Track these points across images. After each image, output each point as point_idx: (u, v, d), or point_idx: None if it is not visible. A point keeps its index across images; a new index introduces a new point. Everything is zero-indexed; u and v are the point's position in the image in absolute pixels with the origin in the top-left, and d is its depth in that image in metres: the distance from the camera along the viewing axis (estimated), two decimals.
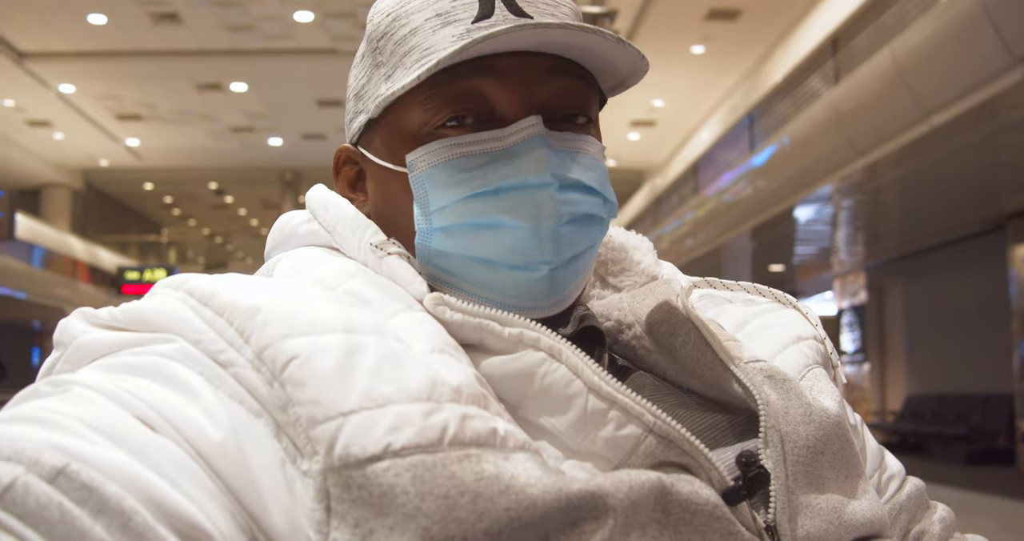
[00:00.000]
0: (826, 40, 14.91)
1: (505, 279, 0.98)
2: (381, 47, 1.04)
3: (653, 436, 0.87)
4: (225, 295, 0.85)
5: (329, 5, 19.26)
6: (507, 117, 0.99)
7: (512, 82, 0.99)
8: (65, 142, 28.12)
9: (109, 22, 19.77)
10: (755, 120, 18.01)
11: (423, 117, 0.99)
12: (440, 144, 0.98)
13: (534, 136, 0.98)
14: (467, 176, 0.97)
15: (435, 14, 1.01)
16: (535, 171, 0.96)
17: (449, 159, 0.98)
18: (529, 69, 0.99)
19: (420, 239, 1.00)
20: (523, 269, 0.98)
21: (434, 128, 0.99)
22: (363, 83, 1.08)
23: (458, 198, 0.97)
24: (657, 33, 19.76)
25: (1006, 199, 14.53)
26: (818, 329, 1.15)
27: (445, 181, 0.98)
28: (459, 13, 1.00)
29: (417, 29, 1.01)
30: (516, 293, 0.98)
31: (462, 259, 0.99)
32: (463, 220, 0.97)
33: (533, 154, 0.97)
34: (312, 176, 30.88)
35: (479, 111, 0.99)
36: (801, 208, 15.63)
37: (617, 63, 1.03)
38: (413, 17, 1.02)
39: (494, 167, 0.97)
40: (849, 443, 1.00)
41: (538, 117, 0.98)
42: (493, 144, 0.98)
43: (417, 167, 1.00)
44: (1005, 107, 9.84)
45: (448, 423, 0.77)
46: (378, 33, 1.05)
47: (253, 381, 0.79)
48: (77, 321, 0.90)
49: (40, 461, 0.66)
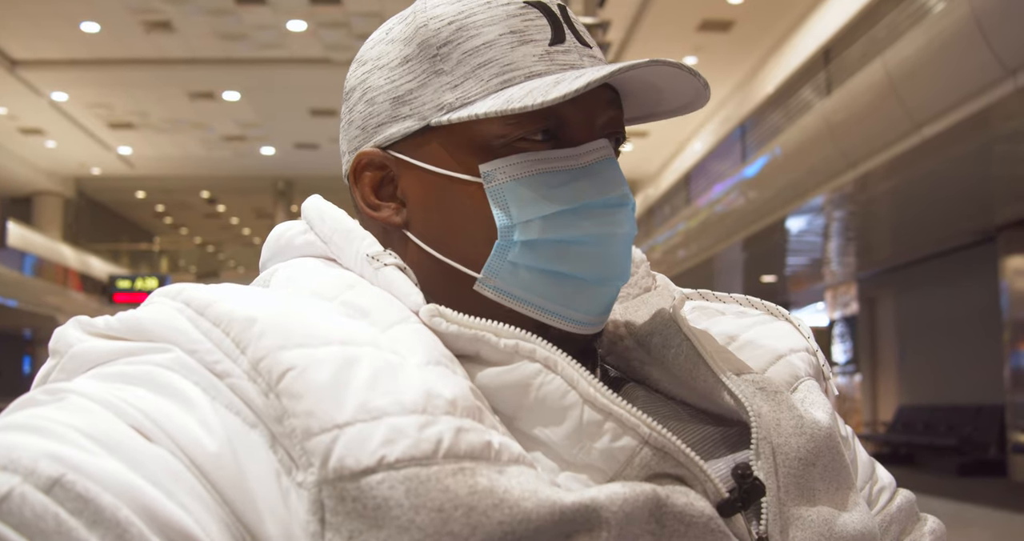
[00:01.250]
0: (818, 51, 14.97)
1: (577, 293, 0.99)
2: (444, 54, 1.02)
3: (648, 448, 0.87)
4: (222, 305, 0.85)
5: (322, 15, 19.28)
6: (576, 139, 1.00)
7: (582, 108, 1.00)
8: (57, 150, 28.09)
9: (102, 30, 19.77)
10: (747, 131, 18.06)
11: (502, 131, 0.99)
12: (522, 158, 0.98)
13: (608, 157, 1.01)
14: (552, 192, 0.98)
15: (509, 30, 1.00)
16: (615, 190, 0.99)
17: (532, 173, 0.98)
18: (596, 99, 1.01)
19: (497, 252, 0.99)
20: (600, 285, 1.00)
21: (511, 141, 0.99)
22: (411, 87, 1.04)
23: (544, 213, 0.98)
24: (649, 44, 19.81)
25: (997, 210, 14.58)
26: (810, 341, 1.15)
27: (530, 195, 0.98)
28: (534, 34, 1.01)
29: (492, 43, 1.00)
30: (584, 308, 0.99)
31: (538, 272, 0.99)
32: (548, 235, 0.98)
33: (610, 173, 1.00)
34: (305, 185, 30.86)
35: (554, 130, 1.00)
36: (793, 219, 15.66)
37: (667, 96, 1.07)
38: (485, 30, 1.01)
39: (577, 185, 0.99)
40: (840, 455, 1.01)
41: (606, 141, 1.01)
42: (571, 162, 0.99)
43: (496, 179, 0.99)
44: (996, 119, 9.87)
45: (443, 436, 0.77)
46: (439, 40, 1.02)
47: (249, 392, 0.79)
48: (73, 330, 0.90)
49: (36, 471, 0.66)
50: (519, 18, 1.01)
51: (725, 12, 18.77)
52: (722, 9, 18.61)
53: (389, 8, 18.45)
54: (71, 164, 29.75)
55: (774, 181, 15.35)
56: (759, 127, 17.42)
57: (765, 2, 18.31)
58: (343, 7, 18.91)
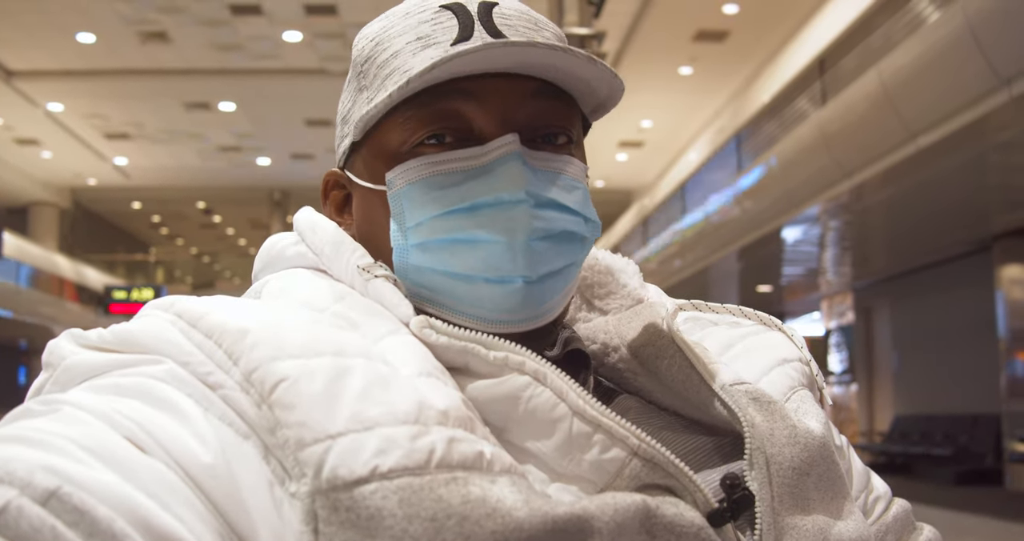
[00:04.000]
0: (813, 61, 14.97)
1: (481, 293, 0.98)
2: (365, 71, 1.06)
3: (638, 459, 0.87)
4: (214, 317, 0.85)
5: (317, 25, 19.30)
6: (485, 136, 1.00)
7: (490, 103, 1.00)
8: (53, 161, 28.10)
9: (98, 41, 19.79)
10: (743, 141, 18.06)
11: (402, 136, 1.00)
12: (418, 162, 1.00)
13: (510, 154, 0.98)
14: (443, 193, 0.98)
15: (416, 37, 1.02)
16: (509, 188, 0.97)
17: (426, 176, 0.99)
18: (508, 91, 1.01)
19: (397, 255, 1.01)
20: (498, 282, 0.98)
21: (413, 147, 1.00)
22: (348, 108, 1.09)
23: (433, 214, 0.98)
24: (645, 54, 19.85)
25: (993, 220, 14.59)
26: (803, 351, 1.15)
27: (421, 198, 0.99)
28: (439, 36, 1.02)
29: (398, 52, 1.02)
30: (492, 306, 0.98)
31: (438, 274, 0.99)
32: (438, 236, 0.98)
33: (509, 171, 0.98)
34: (300, 195, 30.90)
35: (458, 130, 1.00)
36: (788, 229, 15.67)
37: (594, 84, 1.04)
38: (395, 41, 1.03)
39: (470, 184, 0.98)
40: (834, 464, 1.01)
41: (515, 135, 0.99)
42: (470, 162, 0.99)
43: (395, 184, 1.01)
44: (991, 128, 9.89)
45: (435, 446, 0.77)
46: (362, 58, 1.07)
47: (242, 403, 0.79)
48: (66, 342, 0.90)
49: (32, 483, 0.66)
50: (429, 23, 1.03)
51: (720, 22, 18.81)
52: (717, 19, 18.65)
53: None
54: (67, 174, 29.75)
55: (769, 191, 15.35)
56: (755, 137, 17.42)
57: (760, 12, 18.35)
58: (339, 18, 18.94)
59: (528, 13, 1.07)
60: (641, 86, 21.40)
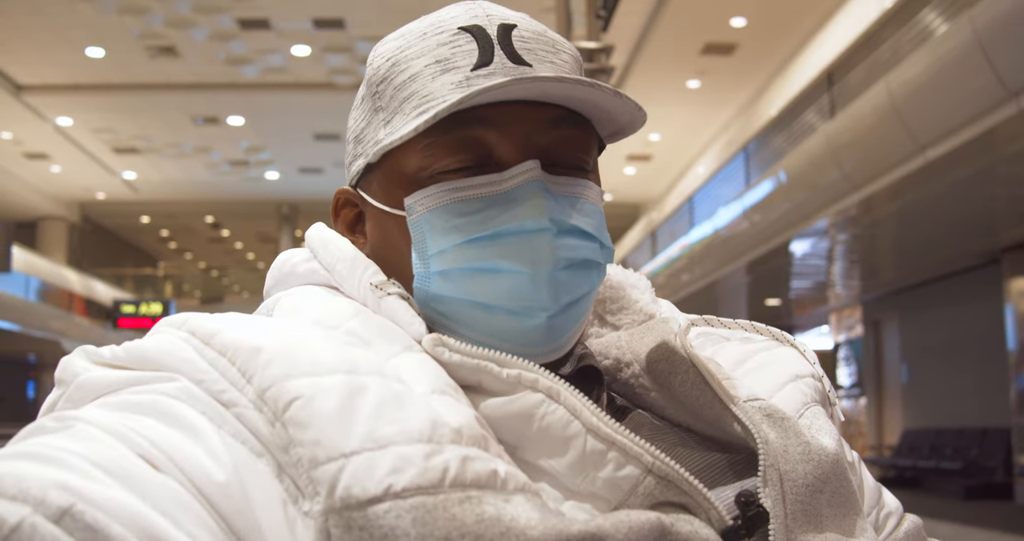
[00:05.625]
0: (821, 74, 14.96)
1: (502, 324, 0.98)
2: (380, 92, 1.05)
3: (652, 476, 0.87)
4: (227, 334, 0.85)
5: (326, 39, 19.35)
6: (505, 162, 1.00)
7: (512, 131, 1.00)
8: (62, 175, 28.18)
9: (107, 55, 19.85)
10: (751, 154, 18.05)
11: (422, 162, 1.00)
12: (438, 188, 0.99)
13: (532, 180, 0.98)
14: (465, 221, 0.98)
15: (435, 60, 1.01)
16: (533, 216, 0.97)
17: (447, 203, 0.98)
18: (529, 119, 1.00)
19: (418, 282, 1.01)
20: (520, 314, 0.98)
21: (433, 173, 1.00)
22: (362, 127, 1.08)
23: (456, 242, 0.98)
24: (653, 67, 19.87)
25: (1002, 232, 14.56)
26: (815, 367, 1.15)
27: (443, 225, 0.98)
28: (459, 60, 1.01)
29: (416, 75, 1.02)
30: (513, 338, 0.98)
31: (460, 303, 0.99)
32: (461, 264, 0.98)
33: (531, 199, 0.97)
34: (309, 209, 30.94)
35: (478, 157, 1.00)
36: (797, 242, 15.65)
37: (615, 113, 1.04)
38: (413, 63, 1.03)
39: (492, 212, 0.98)
40: (847, 481, 1.00)
41: (536, 162, 0.99)
42: (491, 188, 0.98)
43: (415, 211, 1.00)
44: (1000, 140, 9.88)
45: (449, 465, 0.77)
46: (378, 77, 1.06)
47: (255, 421, 0.80)
48: (79, 359, 0.90)
49: (46, 501, 0.66)
50: (448, 46, 1.02)
51: (728, 36, 18.83)
52: (725, 33, 18.67)
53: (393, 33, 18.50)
54: (76, 189, 29.84)
55: (778, 204, 15.34)
56: (763, 150, 17.41)
57: (768, 26, 18.37)
58: (347, 32, 18.99)
59: (545, 34, 1.07)
60: (649, 99, 21.42)
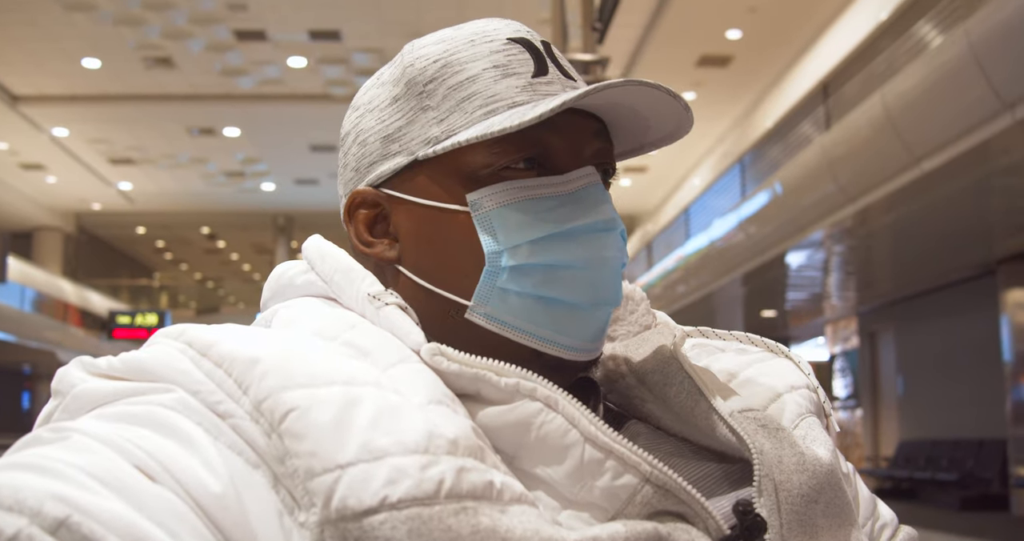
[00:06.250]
0: (817, 86, 14.98)
1: (568, 318, 1.00)
2: (430, 91, 1.04)
3: (650, 485, 0.87)
4: (224, 346, 0.85)
5: (322, 51, 19.38)
6: (563, 167, 1.02)
7: (570, 137, 1.02)
8: (58, 185, 28.18)
9: (103, 66, 19.88)
10: (746, 166, 18.07)
11: (488, 159, 1.00)
12: (508, 185, 1.00)
13: (595, 184, 1.02)
14: (537, 217, 1.00)
15: (492, 65, 1.03)
16: (604, 216, 1.01)
17: (519, 200, 1.00)
18: (583, 127, 1.04)
19: (486, 278, 1.00)
20: (588, 309, 1.00)
21: (497, 170, 1.01)
22: (400, 125, 1.06)
23: (532, 238, 0.99)
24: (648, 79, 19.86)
25: (997, 244, 14.59)
26: (810, 378, 1.15)
27: (518, 221, 0.99)
28: (517, 67, 1.03)
29: (476, 77, 1.03)
30: (575, 332, 1.00)
31: (528, 297, 1.00)
32: (536, 259, 0.99)
33: (598, 199, 1.02)
34: (305, 221, 30.94)
35: (539, 159, 1.02)
36: (793, 254, 15.68)
37: (654, 126, 1.08)
38: (469, 66, 1.04)
39: (564, 210, 1.00)
40: (842, 492, 1.01)
41: (593, 168, 1.03)
42: (559, 188, 1.01)
43: (483, 206, 1.00)
44: (995, 152, 9.90)
45: (445, 476, 0.77)
46: (425, 78, 1.05)
47: (251, 432, 0.80)
48: (75, 370, 0.90)
49: (42, 512, 0.66)
50: (502, 53, 1.04)
51: (724, 47, 18.88)
52: (721, 44, 18.71)
53: (389, 45, 18.56)
54: (71, 199, 29.85)
55: (773, 216, 15.36)
56: (758, 162, 17.44)
57: (764, 38, 18.41)
58: (343, 43, 19.02)
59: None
60: None
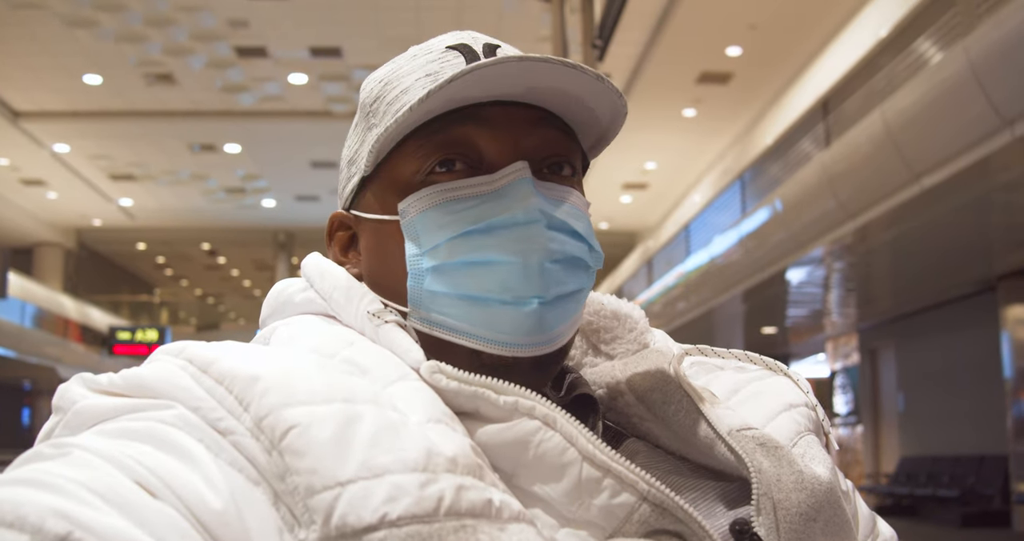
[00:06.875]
0: (817, 103, 15.00)
1: (496, 315, 0.99)
2: (374, 110, 1.08)
3: (647, 504, 0.87)
4: (225, 363, 0.86)
5: (323, 67, 19.40)
6: (495, 164, 1.03)
7: (499, 131, 1.03)
8: (58, 201, 28.18)
9: (104, 82, 19.89)
10: (747, 182, 18.08)
11: (414, 165, 1.03)
12: (431, 190, 1.02)
13: (522, 179, 1.01)
14: (457, 217, 1.00)
15: (425, 74, 1.06)
16: (523, 208, 0.99)
17: (441, 202, 1.01)
18: (515, 119, 1.03)
19: (412, 281, 1.02)
20: (513, 304, 0.99)
21: (425, 175, 1.03)
22: (356, 147, 1.11)
23: (449, 237, 1.00)
24: (649, 96, 19.90)
25: (997, 260, 14.58)
26: (809, 396, 1.15)
27: (437, 222, 1.01)
28: (448, 71, 1.05)
29: (408, 88, 1.05)
30: (507, 329, 0.99)
31: (453, 297, 1.00)
32: (454, 258, 1.00)
33: (521, 194, 1.00)
34: (305, 237, 30.96)
35: (468, 158, 1.03)
36: (793, 270, 15.67)
37: (597, 110, 1.06)
38: (404, 79, 1.07)
39: (484, 207, 1.00)
40: (841, 510, 1.00)
41: (524, 162, 1.02)
42: (483, 187, 1.01)
43: (409, 213, 1.03)
44: (995, 169, 9.90)
45: (444, 493, 0.77)
46: (371, 98, 1.10)
47: (252, 449, 0.80)
48: (76, 386, 0.90)
49: (43, 528, 0.66)
50: (436, 62, 1.07)
51: (724, 64, 18.89)
52: (721, 61, 18.72)
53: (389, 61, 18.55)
54: (72, 215, 29.85)
55: (774, 232, 15.36)
56: (759, 178, 17.45)
57: (764, 55, 18.42)
58: (344, 60, 19.04)
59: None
60: (645, 128, 21.47)
